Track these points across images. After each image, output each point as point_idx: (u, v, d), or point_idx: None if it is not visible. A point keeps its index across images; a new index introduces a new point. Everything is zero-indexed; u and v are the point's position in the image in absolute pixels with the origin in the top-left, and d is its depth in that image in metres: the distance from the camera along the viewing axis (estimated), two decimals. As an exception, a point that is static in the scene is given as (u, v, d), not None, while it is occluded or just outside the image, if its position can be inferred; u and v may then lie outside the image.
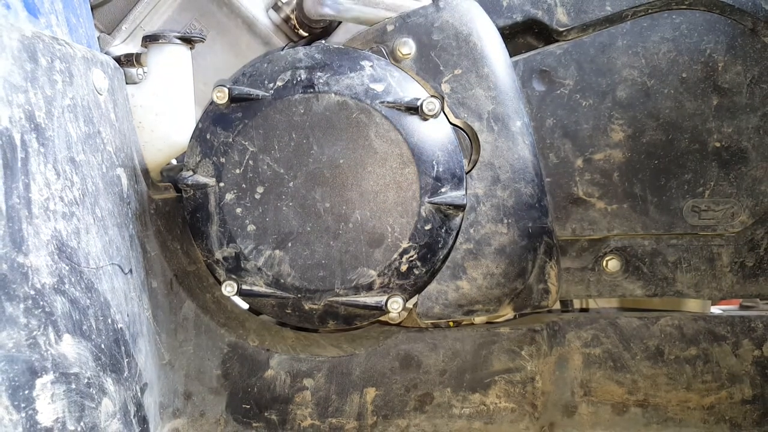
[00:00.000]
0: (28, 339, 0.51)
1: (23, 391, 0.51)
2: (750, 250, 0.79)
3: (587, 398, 0.82)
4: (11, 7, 0.59)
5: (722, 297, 0.81)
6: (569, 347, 0.82)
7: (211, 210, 0.76)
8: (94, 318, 0.61)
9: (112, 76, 0.73)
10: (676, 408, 0.82)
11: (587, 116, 0.78)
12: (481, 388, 0.82)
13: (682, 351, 0.81)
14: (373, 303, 0.76)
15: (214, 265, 0.78)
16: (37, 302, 0.53)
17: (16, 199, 0.51)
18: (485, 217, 0.77)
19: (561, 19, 0.78)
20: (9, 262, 0.50)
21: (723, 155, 0.77)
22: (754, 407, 0.81)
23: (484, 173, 0.76)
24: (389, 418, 0.82)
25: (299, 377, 0.82)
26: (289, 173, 0.74)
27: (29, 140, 0.53)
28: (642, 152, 0.78)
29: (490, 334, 0.82)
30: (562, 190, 0.79)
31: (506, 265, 0.77)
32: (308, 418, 0.82)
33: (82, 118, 0.63)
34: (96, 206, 0.65)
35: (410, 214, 0.74)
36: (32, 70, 0.55)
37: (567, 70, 0.78)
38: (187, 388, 0.82)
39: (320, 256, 0.75)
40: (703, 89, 0.76)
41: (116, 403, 0.64)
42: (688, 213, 0.78)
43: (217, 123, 0.75)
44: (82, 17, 0.74)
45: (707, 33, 0.76)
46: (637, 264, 0.80)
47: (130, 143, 0.77)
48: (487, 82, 0.75)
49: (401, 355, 0.82)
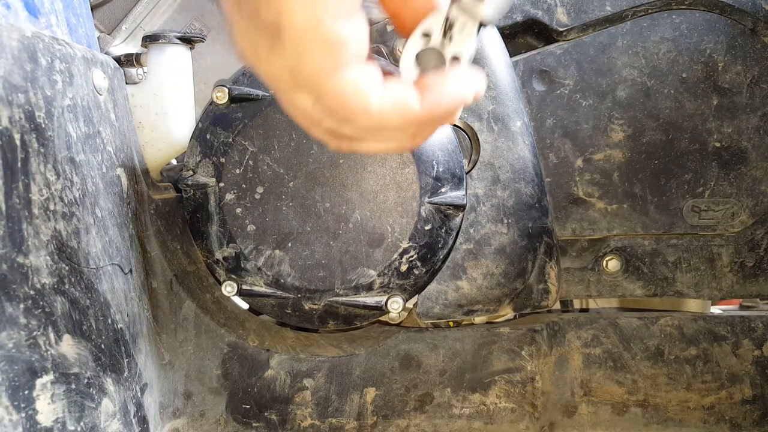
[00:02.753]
0: (28, 339, 0.51)
1: (23, 391, 0.51)
2: (750, 250, 0.79)
3: (587, 398, 0.82)
4: (11, 7, 0.59)
5: (722, 297, 0.81)
6: (569, 347, 0.82)
7: (211, 210, 0.76)
8: (94, 318, 0.61)
9: (112, 76, 0.73)
10: (676, 408, 0.82)
11: (587, 116, 0.78)
12: (481, 388, 0.82)
13: (682, 351, 0.81)
14: (373, 303, 0.76)
15: (214, 265, 0.78)
16: (37, 302, 0.53)
17: (16, 199, 0.51)
18: (485, 217, 0.77)
19: (561, 19, 0.78)
20: (9, 262, 0.50)
21: (723, 155, 0.77)
22: (754, 407, 0.81)
23: (484, 173, 0.76)
24: (389, 418, 0.82)
25: (299, 377, 0.82)
26: (289, 173, 0.74)
27: (29, 140, 0.53)
28: (642, 152, 0.78)
29: (490, 334, 0.82)
30: (562, 190, 0.79)
31: (506, 265, 0.77)
32: (308, 418, 0.82)
33: (82, 118, 0.63)
34: (96, 206, 0.65)
35: (410, 214, 0.74)
36: (32, 70, 0.55)
37: (567, 70, 0.78)
38: (187, 388, 0.83)
39: (320, 256, 0.75)
40: (703, 89, 0.76)
41: (116, 403, 0.64)
42: (688, 213, 0.78)
43: (217, 123, 0.75)
44: (82, 17, 0.74)
45: (707, 33, 0.76)
46: (637, 264, 0.80)
47: (130, 143, 0.77)
48: (486, 81, 0.75)
49: (401, 355, 0.82)
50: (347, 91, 0.37)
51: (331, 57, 0.36)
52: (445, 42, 0.44)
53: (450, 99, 0.42)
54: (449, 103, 0.42)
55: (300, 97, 0.38)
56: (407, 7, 0.43)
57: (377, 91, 0.39)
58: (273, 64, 0.37)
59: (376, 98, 0.39)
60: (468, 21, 0.43)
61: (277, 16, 0.34)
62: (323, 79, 0.37)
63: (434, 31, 0.44)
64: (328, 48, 0.35)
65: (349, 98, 0.38)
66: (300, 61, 0.36)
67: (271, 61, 0.37)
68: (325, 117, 0.39)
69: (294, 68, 0.36)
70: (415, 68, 0.45)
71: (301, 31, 0.34)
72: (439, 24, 0.44)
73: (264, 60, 0.37)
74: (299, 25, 0.34)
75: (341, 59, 0.36)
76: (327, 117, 0.39)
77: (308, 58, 0.35)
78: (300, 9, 0.33)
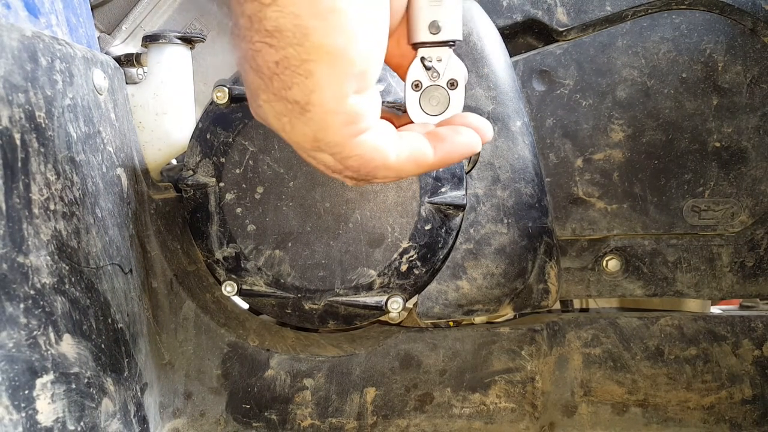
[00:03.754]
0: (28, 339, 0.51)
1: (23, 391, 0.51)
2: (750, 250, 0.79)
3: (587, 398, 0.82)
4: (11, 7, 0.59)
5: (722, 297, 0.81)
6: (569, 347, 0.82)
7: (211, 210, 0.76)
8: (94, 318, 0.61)
9: (112, 76, 0.73)
10: (676, 408, 0.82)
11: (587, 116, 0.78)
12: (481, 388, 0.82)
13: (682, 351, 0.81)
14: (373, 303, 0.76)
15: (214, 265, 0.78)
16: (37, 302, 0.53)
17: (16, 199, 0.51)
18: (485, 217, 0.77)
19: (561, 19, 0.78)
20: (9, 262, 0.50)
21: (723, 155, 0.77)
22: (754, 407, 0.81)
23: (484, 173, 0.76)
24: (389, 418, 0.82)
25: (299, 377, 0.82)
26: (289, 173, 0.74)
27: (29, 140, 0.53)
28: (642, 152, 0.78)
29: (490, 334, 0.82)
30: (562, 190, 0.79)
31: (506, 265, 0.77)
32: (308, 418, 0.82)
33: (82, 118, 0.63)
34: (96, 206, 0.65)
35: (410, 214, 0.74)
36: (32, 70, 0.55)
37: (567, 70, 0.78)
38: (187, 388, 0.83)
39: (320, 256, 0.75)
40: (703, 89, 0.76)
41: (116, 403, 0.64)
42: (688, 213, 0.78)
43: (217, 123, 0.75)
44: (82, 17, 0.74)
45: (707, 33, 0.76)
46: (637, 264, 0.80)
47: (130, 143, 0.77)
48: (486, 82, 0.75)
49: (401, 355, 0.82)
50: (367, 151, 0.42)
51: (353, 127, 0.40)
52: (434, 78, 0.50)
53: (461, 149, 0.47)
54: (460, 153, 0.47)
55: (322, 156, 0.43)
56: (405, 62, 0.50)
57: (394, 145, 0.44)
58: (297, 132, 0.41)
59: (393, 153, 0.44)
60: (440, 50, 0.49)
61: (308, 94, 0.38)
62: (346, 146, 0.41)
63: (420, 76, 0.50)
64: (349, 119, 0.40)
65: (369, 158, 0.43)
66: (324, 131, 0.40)
67: (296, 130, 0.41)
68: (347, 171, 0.44)
69: (318, 136, 0.41)
70: (422, 111, 0.50)
71: (327, 107, 0.39)
72: (420, 69, 0.50)
73: (289, 128, 0.41)
74: (326, 102, 0.38)
75: (361, 127, 0.41)
76: (349, 171, 0.44)
77: (332, 130, 0.40)
78: (328, 88, 0.38)
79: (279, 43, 0.37)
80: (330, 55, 0.37)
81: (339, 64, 0.37)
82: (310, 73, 0.37)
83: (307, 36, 0.36)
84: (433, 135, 0.47)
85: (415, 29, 0.48)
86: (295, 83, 0.38)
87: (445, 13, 0.47)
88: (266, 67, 0.38)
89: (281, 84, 0.38)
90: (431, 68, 0.49)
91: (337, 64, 0.37)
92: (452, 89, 0.50)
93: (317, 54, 0.36)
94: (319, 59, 0.37)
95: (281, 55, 0.37)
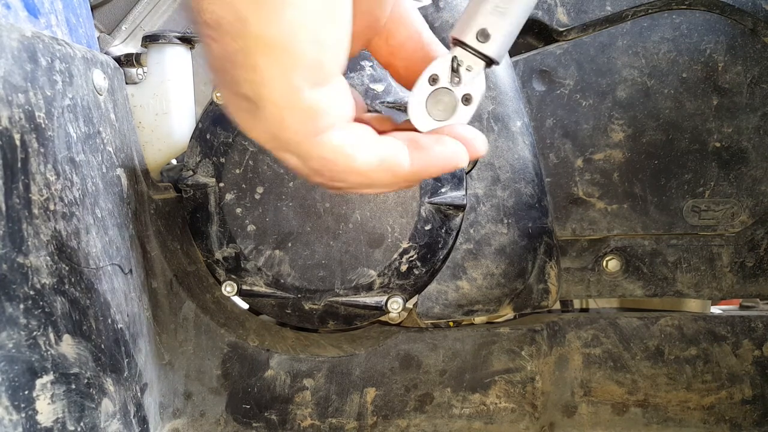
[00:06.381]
0: (28, 339, 0.51)
1: (23, 391, 0.51)
2: (750, 250, 0.79)
3: (587, 398, 0.82)
4: (11, 7, 0.59)
5: (722, 297, 0.81)
6: (569, 347, 0.82)
7: (211, 210, 0.76)
8: (94, 318, 0.61)
9: (112, 76, 0.73)
10: (676, 408, 0.82)
11: (587, 116, 0.78)
12: (481, 388, 0.82)
13: (682, 351, 0.81)
14: (373, 303, 0.76)
15: (214, 265, 0.78)
16: (37, 303, 0.53)
17: (16, 199, 0.51)
18: (485, 217, 0.77)
19: (561, 19, 0.78)
20: (9, 262, 0.50)
21: (723, 155, 0.77)
22: (754, 407, 0.81)
23: (484, 173, 0.76)
24: (389, 418, 0.82)
25: (299, 377, 0.82)
26: (289, 173, 0.74)
27: (29, 140, 0.53)
28: (642, 152, 0.78)
29: (490, 334, 0.82)
30: (562, 190, 0.79)
31: (506, 265, 0.77)
32: (308, 418, 0.82)
33: (82, 118, 0.63)
34: (96, 206, 0.65)
35: (410, 215, 0.74)
36: (32, 70, 0.55)
37: (567, 70, 0.78)
38: (187, 388, 0.83)
39: (320, 256, 0.75)
40: (703, 89, 0.76)
41: (116, 403, 0.64)
42: (688, 213, 0.78)
43: (217, 123, 0.75)
44: (82, 17, 0.74)
45: (707, 33, 0.76)
46: (637, 264, 0.80)
47: (130, 143, 0.77)
48: (486, 82, 0.75)
49: (401, 355, 0.82)
50: (328, 153, 0.38)
51: (311, 124, 0.37)
52: (454, 82, 0.45)
53: (441, 162, 0.43)
54: (439, 166, 0.43)
55: (287, 156, 0.40)
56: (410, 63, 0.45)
57: (363, 150, 0.40)
58: (256, 129, 0.39)
59: (361, 158, 0.39)
60: (475, 60, 0.44)
61: (257, 88, 0.35)
62: (304, 145, 0.38)
63: (441, 73, 0.45)
64: (306, 116, 0.37)
65: (332, 160, 0.39)
66: (281, 129, 0.37)
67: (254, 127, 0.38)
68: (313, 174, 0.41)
69: (276, 135, 0.38)
70: (424, 109, 0.45)
71: (279, 102, 0.36)
72: (446, 66, 0.45)
73: (248, 125, 0.39)
74: (277, 97, 0.35)
75: (321, 125, 0.37)
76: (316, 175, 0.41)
77: (288, 127, 0.37)
78: (277, 82, 0.35)
79: (221, 36, 0.34)
80: (271, 46, 0.34)
81: (283, 56, 0.34)
82: (254, 66, 0.35)
83: (246, 27, 0.33)
84: (413, 142, 0.43)
85: (463, 26, 0.43)
86: (244, 78, 0.35)
87: (501, 26, 0.43)
88: (216, 62, 0.36)
89: (231, 79, 0.36)
90: (457, 71, 0.45)
91: (280, 56, 0.34)
92: (465, 104, 0.46)
93: (257, 46, 0.34)
94: (261, 51, 0.34)
95: (224, 49, 0.35)
